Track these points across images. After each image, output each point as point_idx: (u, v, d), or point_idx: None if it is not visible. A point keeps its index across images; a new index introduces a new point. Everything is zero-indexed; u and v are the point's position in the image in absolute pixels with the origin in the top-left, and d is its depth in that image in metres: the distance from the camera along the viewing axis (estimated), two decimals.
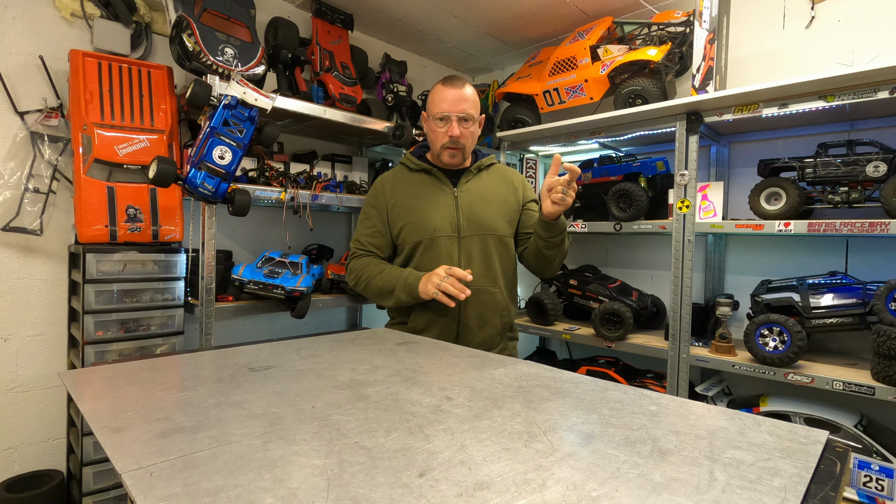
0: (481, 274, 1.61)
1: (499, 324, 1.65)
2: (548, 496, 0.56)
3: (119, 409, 0.81)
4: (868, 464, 1.60)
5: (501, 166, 1.80)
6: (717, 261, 2.37)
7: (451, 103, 1.60)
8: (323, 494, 0.55)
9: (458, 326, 1.60)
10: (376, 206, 1.69)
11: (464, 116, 1.61)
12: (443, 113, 1.60)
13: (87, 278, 1.77)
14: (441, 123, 1.62)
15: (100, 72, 1.86)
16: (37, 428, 1.96)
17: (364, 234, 1.69)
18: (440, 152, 1.65)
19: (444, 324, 1.59)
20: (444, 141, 1.62)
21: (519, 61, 3.20)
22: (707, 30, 1.97)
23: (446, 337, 1.58)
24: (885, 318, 1.58)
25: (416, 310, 1.61)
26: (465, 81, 1.65)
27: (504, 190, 1.72)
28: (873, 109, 1.84)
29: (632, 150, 2.70)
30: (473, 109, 1.63)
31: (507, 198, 1.71)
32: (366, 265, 1.64)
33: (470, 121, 1.63)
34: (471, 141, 1.66)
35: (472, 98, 1.63)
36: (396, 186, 1.69)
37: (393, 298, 1.57)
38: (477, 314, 1.61)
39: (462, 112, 1.60)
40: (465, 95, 1.61)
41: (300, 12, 2.62)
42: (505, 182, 1.74)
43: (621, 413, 0.83)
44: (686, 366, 1.98)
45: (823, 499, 0.57)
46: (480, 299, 1.61)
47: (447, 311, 1.57)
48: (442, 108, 1.61)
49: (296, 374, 1.02)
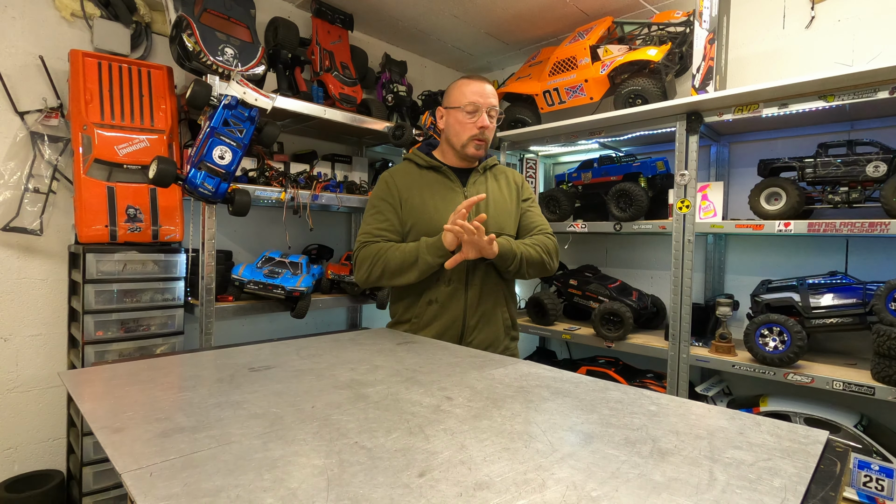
0: (487, 273, 1.61)
1: (501, 321, 1.66)
2: (548, 496, 0.56)
3: (119, 409, 0.81)
4: (868, 464, 1.60)
5: (503, 166, 1.82)
6: (717, 261, 2.37)
7: (482, 95, 1.61)
8: (323, 494, 0.55)
9: (463, 323, 1.59)
10: (389, 201, 1.62)
11: (491, 110, 1.63)
12: (474, 104, 1.60)
13: (87, 278, 1.77)
14: (469, 116, 1.61)
15: (100, 72, 1.86)
16: (37, 428, 1.96)
17: (376, 227, 1.60)
18: (466, 143, 1.63)
19: (448, 321, 1.58)
20: (473, 132, 1.61)
21: (519, 61, 3.19)
22: (707, 30, 1.97)
23: (451, 334, 1.58)
24: (885, 318, 1.58)
25: (419, 307, 1.60)
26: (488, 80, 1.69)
27: (508, 190, 1.73)
28: (873, 109, 1.84)
29: (632, 150, 2.70)
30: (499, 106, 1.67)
31: (511, 197, 1.72)
32: (379, 248, 1.56)
33: (495, 116, 1.65)
34: (492, 136, 1.69)
35: (496, 95, 1.67)
36: (407, 182, 1.65)
37: (418, 266, 1.51)
38: (481, 312, 1.61)
39: (490, 105, 1.62)
40: (492, 91, 1.65)
41: (300, 12, 2.62)
42: (508, 182, 1.75)
43: (621, 413, 0.83)
44: (686, 366, 1.98)
45: (823, 499, 0.57)
46: (483, 297, 1.61)
47: (452, 308, 1.57)
48: (472, 100, 1.60)
49: (296, 374, 1.02)
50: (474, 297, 1.60)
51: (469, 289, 1.59)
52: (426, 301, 1.59)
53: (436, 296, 1.58)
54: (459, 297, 1.59)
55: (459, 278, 1.58)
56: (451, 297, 1.58)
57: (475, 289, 1.60)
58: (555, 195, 2.48)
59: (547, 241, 1.67)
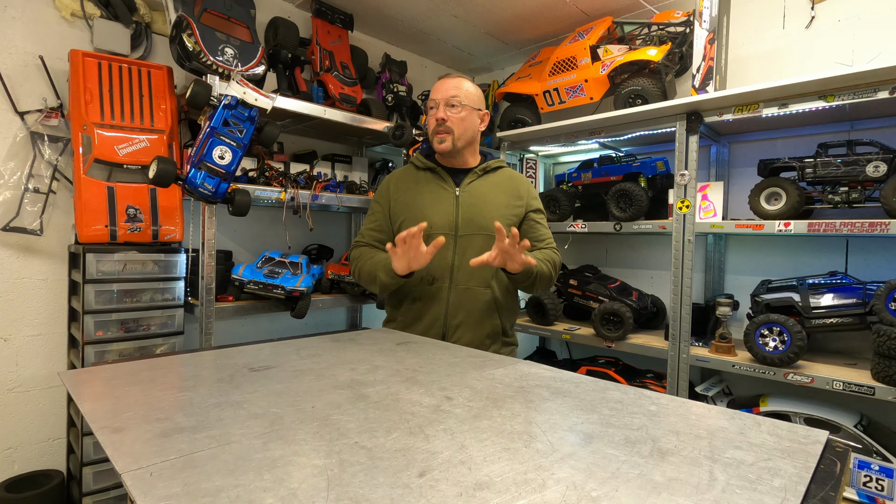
0: (470, 274, 1.59)
1: (488, 326, 1.63)
2: (548, 496, 0.56)
3: (119, 409, 0.81)
4: (868, 464, 1.60)
5: (510, 171, 1.78)
6: (717, 261, 2.37)
7: (438, 91, 1.66)
8: (323, 494, 0.55)
9: (444, 323, 1.60)
10: (380, 202, 1.73)
11: (449, 101, 1.63)
12: (433, 100, 1.66)
13: (87, 278, 1.77)
14: (431, 112, 1.67)
15: (100, 72, 1.86)
16: (37, 428, 1.96)
17: (367, 229, 1.72)
18: (432, 139, 1.68)
19: (429, 321, 1.60)
20: (433, 126, 1.66)
21: (519, 61, 3.20)
22: (707, 30, 1.97)
23: (433, 333, 1.59)
24: (885, 318, 1.58)
25: (405, 305, 1.64)
26: (462, 76, 1.69)
27: (507, 194, 1.70)
28: (873, 109, 1.84)
29: (632, 150, 2.70)
30: (464, 97, 1.64)
31: (509, 202, 1.69)
32: (360, 255, 1.67)
33: (458, 106, 1.64)
34: (461, 127, 1.65)
35: (461, 87, 1.65)
36: (401, 184, 1.72)
37: (378, 281, 1.58)
38: (464, 313, 1.59)
39: (448, 98, 1.63)
40: (453, 84, 1.65)
41: (300, 12, 2.62)
42: (510, 187, 1.72)
43: (621, 413, 0.83)
44: (686, 366, 1.98)
45: (823, 499, 0.57)
46: (467, 299, 1.60)
47: (433, 307, 1.58)
48: (432, 97, 1.67)
49: (296, 374, 1.02)
50: (456, 299, 1.59)
51: (452, 289, 1.59)
52: (410, 299, 1.63)
53: (419, 294, 1.61)
54: (441, 297, 1.59)
55: (443, 277, 1.59)
56: (433, 296, 1.59)
57: (458, 290, 1.59)
58: (555, 195, 2.48)
59: (554, 257, 1.66)
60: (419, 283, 1.60)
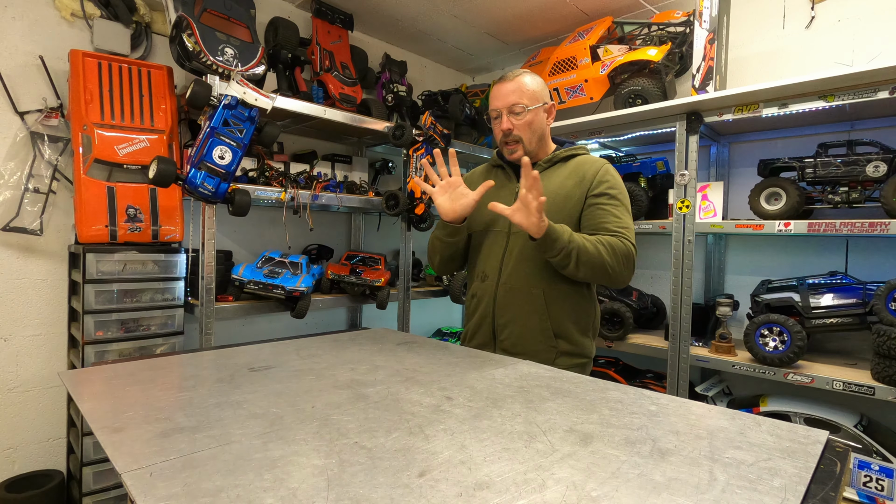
0: (516, 273, 1.53)
1: (537, 329, 1.51)
2: (548, 496, 0.56)
3: (119, 409, 0.81)
4: (868, 464, 1.60)
5: (584, 157, 1.62)
6: (717, 261, 2.37)
7: (498, 98, 1.57)
8: (323, 494, 0.55)
9: (492, 322, 1.57)
10: None
11: (512, 109, 1.55)
12: (495, 110, 1.59)
13: (87, 278, 1.77)
14: (496, 122, 1.61)
15: (100, 72, 1.86)
16: (37, 428, 1.96)
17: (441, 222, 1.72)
18: (502, 149, 1.63)
19: (479, 318, 1.60)
20: (500, 137, 1.61)
21: (519, 61, 3.19)
22: (707, 30, 1.97)
23: (483, 331, 1.58)
24: (885, 318, 1.58)
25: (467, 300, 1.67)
26: (518, 74, 1.58)
27: (571, 184, 1.57)
28: (873, 109, 1.84)
29: (632, 150, 2.70)
30: (526, 99, 1.55)
31: (570, 192, 1.55)
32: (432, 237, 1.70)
33: (522, 112, 1.55)
34: (528, 132, 1.57)
35: (522, 88, 1.55)
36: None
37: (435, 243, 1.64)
38: (511, 313, 1.53)
39: (509, 105, 1.55)
40: (512, 87, 1.56)
41: (300, 12, 2.62)
42: (576, 175, 1.58)
43: (621, 413, 0.83)
44: (686, 366, 1.98)
45: (823, 499, 0.57)
46: (515, 298, 1.53)
47: (483, 305, 1.58)
48: (492, 106, 1.60)
49: (296, 374, 1.02)
50: (504, 297, 1.53)
51: (500, 287, 1.54)
52: (470, 294, 1.65)
53: (475, 290, 1.62)
54: (490, 295, 1.56)
55: (493, 275, 1.56)
56: (484, 293, 1.57)
57: (505, 288, 1.53)
58: None
59: (616, 242, 1.40)
60: (476, 279, 1.62)
